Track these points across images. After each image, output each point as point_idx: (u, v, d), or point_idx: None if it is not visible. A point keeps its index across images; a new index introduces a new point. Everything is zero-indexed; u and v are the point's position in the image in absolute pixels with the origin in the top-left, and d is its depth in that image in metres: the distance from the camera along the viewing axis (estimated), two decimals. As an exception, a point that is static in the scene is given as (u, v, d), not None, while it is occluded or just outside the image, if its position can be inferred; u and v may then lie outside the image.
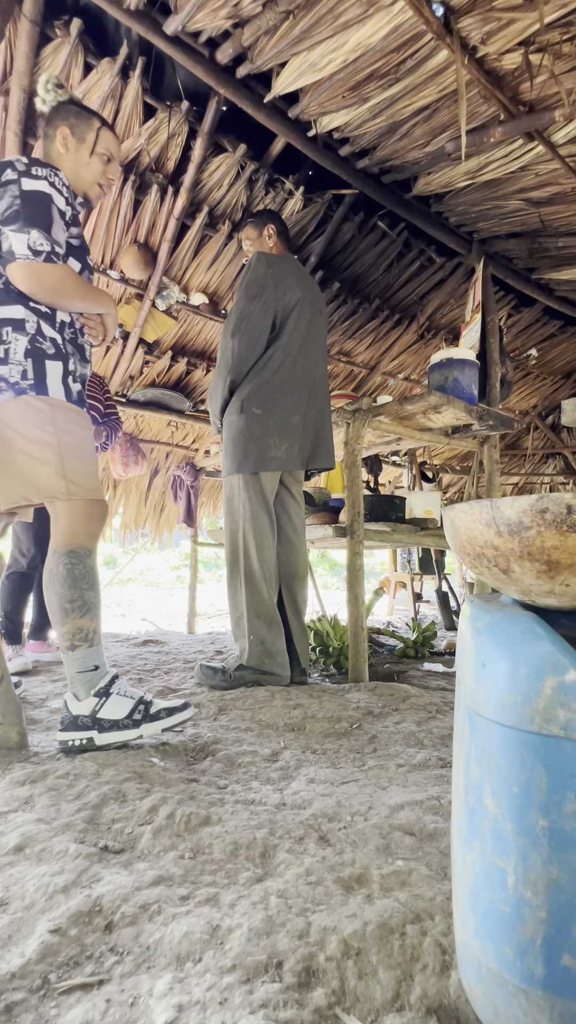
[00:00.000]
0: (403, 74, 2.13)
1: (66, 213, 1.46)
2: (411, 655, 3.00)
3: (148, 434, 4.27)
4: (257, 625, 2.08)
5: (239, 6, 1.95)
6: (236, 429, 2.15)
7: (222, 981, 0.61)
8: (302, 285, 2.21)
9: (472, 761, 0.57)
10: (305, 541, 2.35)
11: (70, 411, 1.45)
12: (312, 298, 2.27)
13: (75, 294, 1.44)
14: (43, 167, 1.42)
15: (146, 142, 2.64)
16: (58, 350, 1.44)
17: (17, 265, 1.36)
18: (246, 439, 2.12)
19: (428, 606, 6.32)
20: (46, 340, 1.42)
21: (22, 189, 1.37)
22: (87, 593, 1.39)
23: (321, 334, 2.32)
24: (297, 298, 2.18)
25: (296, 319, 2.18)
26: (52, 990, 0.61)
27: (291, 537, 2.29)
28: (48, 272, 1.38)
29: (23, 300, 1.41)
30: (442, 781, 1.19)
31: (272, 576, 2.14)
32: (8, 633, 2.49)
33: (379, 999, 0.61)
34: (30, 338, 1.40)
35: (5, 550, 2.54)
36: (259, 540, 2.11)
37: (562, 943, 0.49)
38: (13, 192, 1.37)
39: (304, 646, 2.24)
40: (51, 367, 1.42)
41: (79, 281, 1.45)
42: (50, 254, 1.38)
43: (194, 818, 0.98)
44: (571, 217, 3.01)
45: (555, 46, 1.98)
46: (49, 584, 1.39)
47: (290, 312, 2.17)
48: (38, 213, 1.37)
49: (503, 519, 0.57)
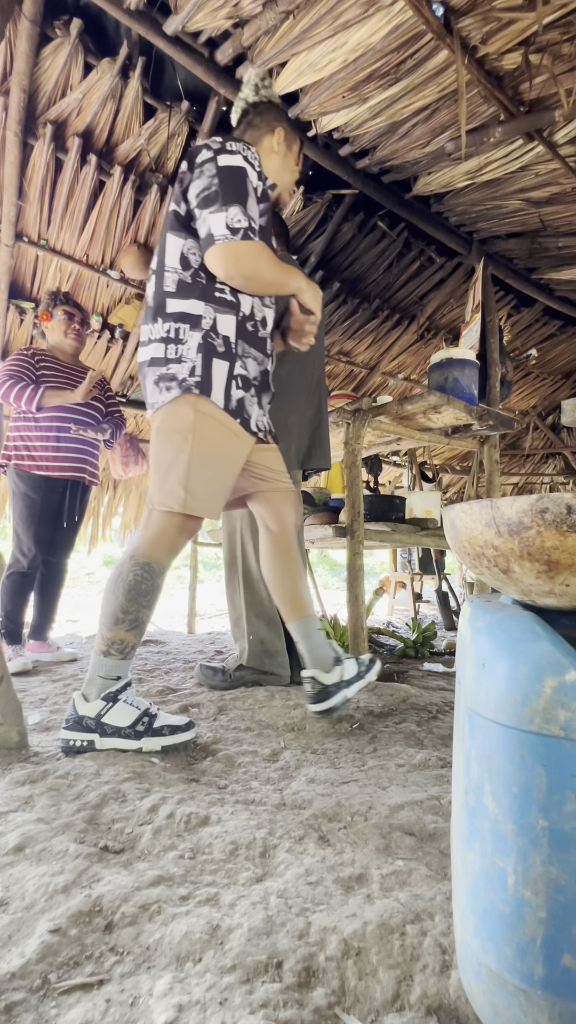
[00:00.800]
0: (403, 74, 2.13)
1: (258, 188, 1.40)
2: (411, 655, 3.00)
3: (148, 434, 4.27)
4: (256, 625, 2.09)
5: (239, 6, 1.95)
6: None
7: (222, 981, 0.61)
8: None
9: (472, 761, 0.57)
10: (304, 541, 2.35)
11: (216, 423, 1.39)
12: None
13: (269, 275, 1.36)
14: (238, 142, 1.37)
15: (146, 142, 2.64)
16: (228, 349, 1.40)
17: (216, 248, 1.30)
18: None
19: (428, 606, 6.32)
20: (219, 337, 1.38)
21: (218, 166, 1.33)
22: (143, 611, 1.37)
23: (319, 334, 2.32)
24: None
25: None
26: (52, 990, 0.61)
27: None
28: (244, 250, 1.30)
29: (205, 295, 1.38)
30: (442, 781, 1.19)
31: None
32: (8, 633, 2.49)
33: (379, 999, 0.61)
34: (204, 334, 1.37)
35: (5, 550, 2.54)
36: (256, 540, 2.11)
37: (562, 943, 0.49)
38: (210, 171, 1.33)
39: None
40: (217, 367, 1.38)
41: (273, 259, 1.37)
42: (247, 230, 1.31)
43: (194, 818, 0.98)
44: (571, 217, 3.01)
45: (555, 46, 1.98)
46: (113, 585, 1.36)
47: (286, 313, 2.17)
48: (236, 188, 1.32)
49: (503, 519, 0.57)
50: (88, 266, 3.03)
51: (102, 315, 3.33)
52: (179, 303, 1.37)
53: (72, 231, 2.88)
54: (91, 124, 2.53)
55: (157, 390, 1.38)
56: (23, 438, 2.52)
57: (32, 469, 2.50)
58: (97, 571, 12.15)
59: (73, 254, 2.99)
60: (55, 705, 1.83)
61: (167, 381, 1.36)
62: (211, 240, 1.30)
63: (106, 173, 2.70)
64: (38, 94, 2.40)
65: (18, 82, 2.28)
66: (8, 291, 3.02)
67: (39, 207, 2.74)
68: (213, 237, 1.30)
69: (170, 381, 1.36)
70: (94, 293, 3.21)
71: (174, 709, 1.72)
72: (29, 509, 2.49)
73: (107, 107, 2.48)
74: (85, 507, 2.73)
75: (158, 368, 1.38)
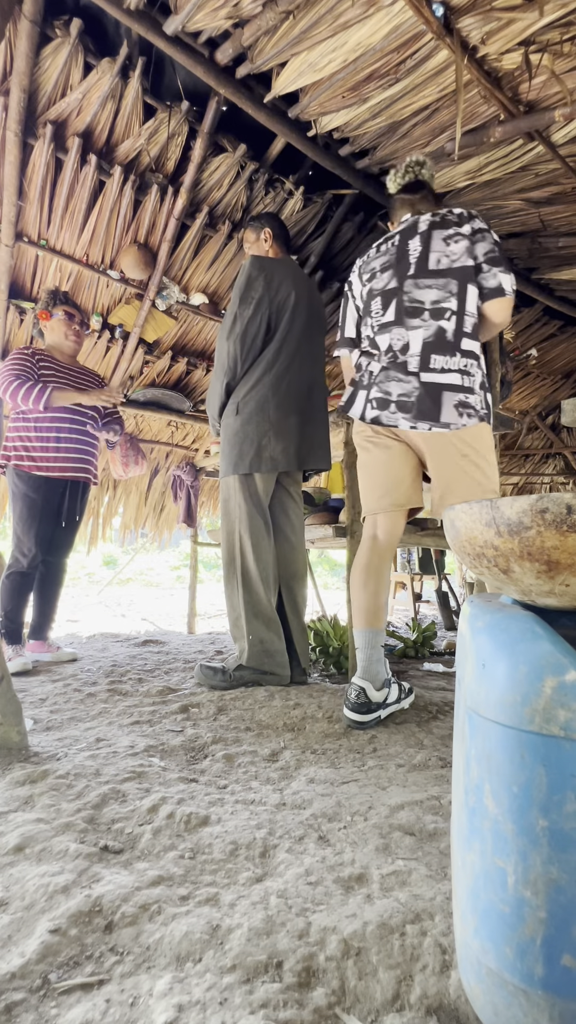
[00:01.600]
0: (403, 74, 2.13)
1: None
2: (411, 655, 3.00)
3: (148, 434, 4.27)
4: (255, 625, 2.09)
5: (239, 6, 1.95)
6: (232, 431, 2.16)
7: (222, 981, 0.61)
8: (297, 286, 2.21)
9: (472, 761, 0.57)
10: (304, 541, 2.34)
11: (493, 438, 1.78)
12: (308, 299, 2.26)
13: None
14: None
15: (146, 142, 2.64)
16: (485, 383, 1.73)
17: (506, 300, 1.65)
18: (241, 440, 2.13)
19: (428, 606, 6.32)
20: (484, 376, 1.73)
21: (495, 238, 1.68)
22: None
23: (318, 335, 2.32)
24: (292, 299, 2.18)
25: (291, 320, 2.18)
26: (52, 990, 0.61)
27: (290, 537, 2.28)
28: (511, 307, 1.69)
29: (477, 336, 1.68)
30: (442, 781, 1.19)
31: (269, 576, 2.14)
32: (8, 633, 2.49)
33: (379, 999, 0.61)
34: (481, 373, 1.68)
35: (5, 550, 2.54)
36: (255, 540, 2.11)
37: (562, 943, 0.49)
38: (492, 239, 1.67)
39: (304, 646, 2.24)
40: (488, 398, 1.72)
41: None
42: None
43: (194, 818, 0.98)
44: (571, 217, 3.01)
45: (555, 46, 1.98)
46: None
47: (285, 313, 2.17)
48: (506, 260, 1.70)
49: (503, 519, 0.57)
50: (88, 266, 3.03)
51: (102, 315, 3.33)
52: (470, 343, 1.66)
53: (72, 231, 2.88)
54: (91, 124, 2.53)
55: (456, 413, 1.62)
56: (22, 438, 2.52)
57: (32, 470, 2.50)
58: (97, 571, 12.14)
59: (73, 254, 2.99)
60: (55, 705, 1.83)
61: (466, 408, 1.63)
62: (502, 292, 1.65)
63: (106, 173, 2.70)
64: (38, 94, 2.40)
65: (18, 82, 2.28)
66: (8, 291, 3.01)
67: (39, 207, 2.74)
68: (505, 291, 1.64)
69: (469, 409, 1.63)
70: (94, 293, 3.21)
71: (174, 709, 1.72)
72: (29, 509, 2.49)
73: (107, 107, 2.48)
74: (85, 507, 2.74)
75: (456, 394, 1.63)
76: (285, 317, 2.17)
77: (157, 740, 1.43)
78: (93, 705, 1.82)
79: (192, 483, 4.12)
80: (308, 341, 2.25)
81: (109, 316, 3.35)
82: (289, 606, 2.24)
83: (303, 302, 2.22)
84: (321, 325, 2.35)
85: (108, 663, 2.61)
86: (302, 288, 2.24)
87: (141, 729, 1.55)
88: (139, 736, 1.47)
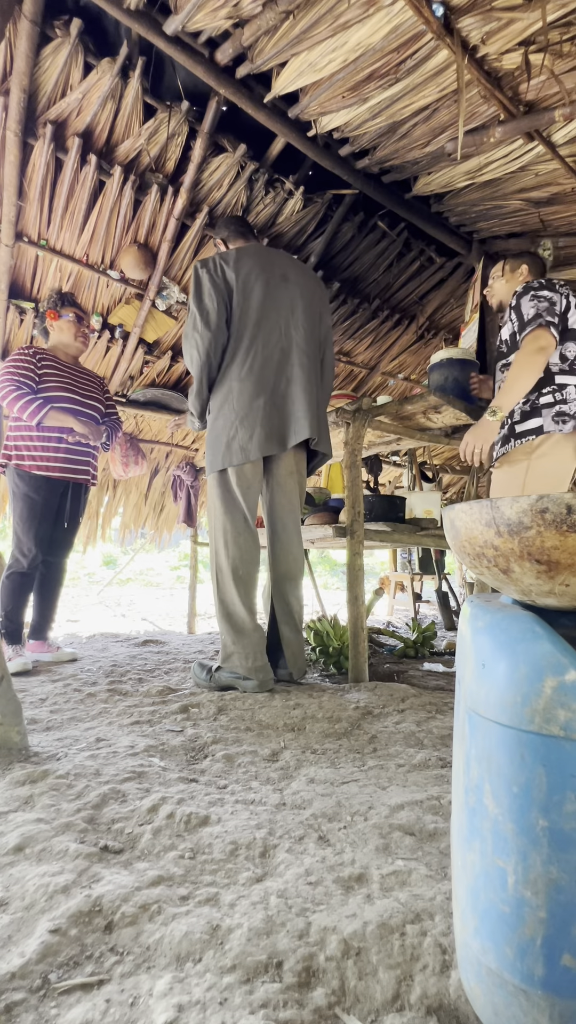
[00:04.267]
0: (403, 74, 2.13)
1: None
2: (411, 655, 3.00)
3: (148, 434, 4.27)
4: (223, 626, 2.06)
5: (239, 6, 1.95)
6: (208, 431, 2.13)
7: (222, 981, 0.61)
8: (253, 259, 2.10)
9: (472, 761, 0.57)
10: (298, 539, 2.23)
11: None
12: (270, 266, 2.13)
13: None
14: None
15: (146, 142, 2.64)
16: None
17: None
18: (215, 438, 2.08)
19: (428, 606, 6.32)
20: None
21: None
22: None
23: (287, 300, 2.14)
24: (245, 271, 2.06)
25: (244, 292, 2.06)
26: (52, 990, 0.61)
27: (280, 535, 2.20)
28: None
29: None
30: (442, 781, 1.19)
31: (247, 576, 2.07)
32: (8, 633, 2.49)
33: (379, 999, 0.61)
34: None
35: (5, 550, 2.54)
36: (227, 539, 2.06)
37: (562, 943, 0.49)
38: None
39: (295, 650, 2.16)
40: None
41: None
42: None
43: (194, 818, 0.98)
44: (571, 217, 3.01)
45: (555, 46, 1.98)
46: None
47: (240, 288, 2.05)
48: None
49: (503, 519, 0.57)
50: (88, 266, 3.03)
51: (102, 315, 3.33)
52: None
53: (72, 231, 2.88)
54: (91, 124, 2.53)
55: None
56: (24, 438, 2.52)
57: (32, 469, 2.50)
58: (97, 571, 12.13)
59: (73, 254, 2.99)
60: (55, 705, 1.83)
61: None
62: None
63: (106, 173, 2.70)
64: (38, 94, 2.40)
65: (18, 82, 2.28)
66: (8, 291, 3.01)
67: (39, 207, 2.74)
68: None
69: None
70: (94, 293, 3.21)
71: (174, 709, 1.72)
72: (30, 509, 2.49)
73: (107, 107, 2.48)
74: (84, 508, 2.74)
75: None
76: (240, 291, 2.06)
77: (157, 740, 1.43)
78: (93, 705, 1.82)
79: (192, 483, 4.12)
80: (274, 307, 2.10)
81: (109, 316, 3.35)
82: (279, 608, 2.18)
83: (259, 271, 2.09)
84: (296, 290, 2.16)
85: (108, 663, 2.61)
86: (262, 259, 2.12)
87: (141, 729, 1.55)
88: (139, 736, 1.47)
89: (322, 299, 2.30)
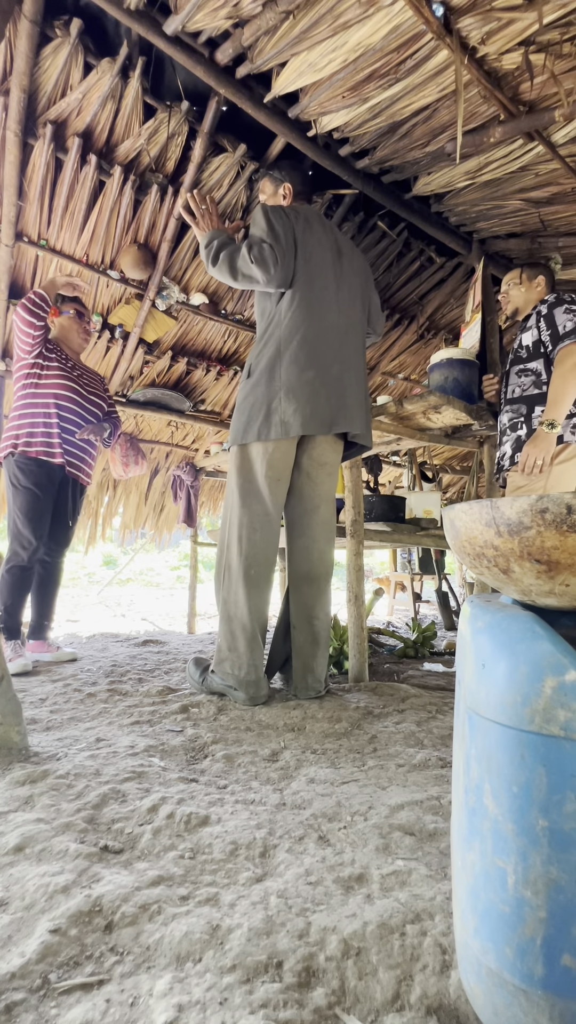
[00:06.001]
0: (403, 74, 2.13)
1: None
2: (411, 655, 3.00)
3: (148, 434, 4.27)
4: (223, 628, 1.86)
5: (239, 6, 1.95)
6: (242, 395, 1.87)
7: (222, 981, 0.61)
8: (318, 225, 2.00)
9: (472, 761, 0.57)
10: (325, 536, 1.98)
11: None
12: (331, 237, 2.02)
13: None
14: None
15: (146, 142, 2.64)
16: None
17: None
18: (249, 405, 1.82)
19: (428, 606, 6.32)
20: None
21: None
22: None
23: (351, 279, 2.03)
24: (313, 238, 1.92)
25: (306, 257, 1.88)
26: (52, 990, 0.61)
27: (305, 531, 1.95)
28: None
29: None
30: (442, 781, 1.19)
31: (259, 578, 1.84)
32: (7, 628, 2.47)
33: (379, 999, 0.61)
34: None
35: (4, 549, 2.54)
36: (242, 533, 1.82)
37: (562, 943, 0.49)
38: None
39: (306, 659, 1.91)
40: None
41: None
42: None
43: (194, 818, 0.98)
44: (571, 217, 3.01)
45: (555, 46, 1.98)
46: None
47: (303, 253, 1.87)
48: None
49: (503, 519, 0.57)
50: (88, 266, 3.03)
51: (102, 315, 3.33)
52: None
53: (72, 231, 2.88)
54: (91, 124, 2.53)
55: None
56: (27, 424, 2.53)
57: (31, 454, 2.51)
58: (97, 571, 12.13)
59: (73, 254, 2.99)
60: (55, 705, 1.83)
61: None
62: None
63: (106, 173, 2.70)
64: (38, 94, 2.40)
65: (18, 82, 2.27)
66: (8, 291, 3.01)
67: (39, 207, 2.74)
68: None
69: None
70: (94, 293, 3.21)
71: (174, 709, 1.72)
72: (28, 502, 2.49)
73: (107, 107, 2.48)
74: (81, 506, 2.78)
75: None
76: (310, 255, 1.89)
77: (157, 740, 1.43)
78: (93, 705, 1.82)
79: (192, 483, 4.12)
80: (341, 284, 1.96)
81: (109, 316, 3.35)
82: (296, 612, 1.93)
83: (329, 242, 1.98)
84: (357, 270, 2.08)
85: (108, 663, 2.61)
86: (328, 230, 2.02)
87: (141, 729, 1.55)
88: (139, 736, 1.47)
89: (369, 280, 2.18)
